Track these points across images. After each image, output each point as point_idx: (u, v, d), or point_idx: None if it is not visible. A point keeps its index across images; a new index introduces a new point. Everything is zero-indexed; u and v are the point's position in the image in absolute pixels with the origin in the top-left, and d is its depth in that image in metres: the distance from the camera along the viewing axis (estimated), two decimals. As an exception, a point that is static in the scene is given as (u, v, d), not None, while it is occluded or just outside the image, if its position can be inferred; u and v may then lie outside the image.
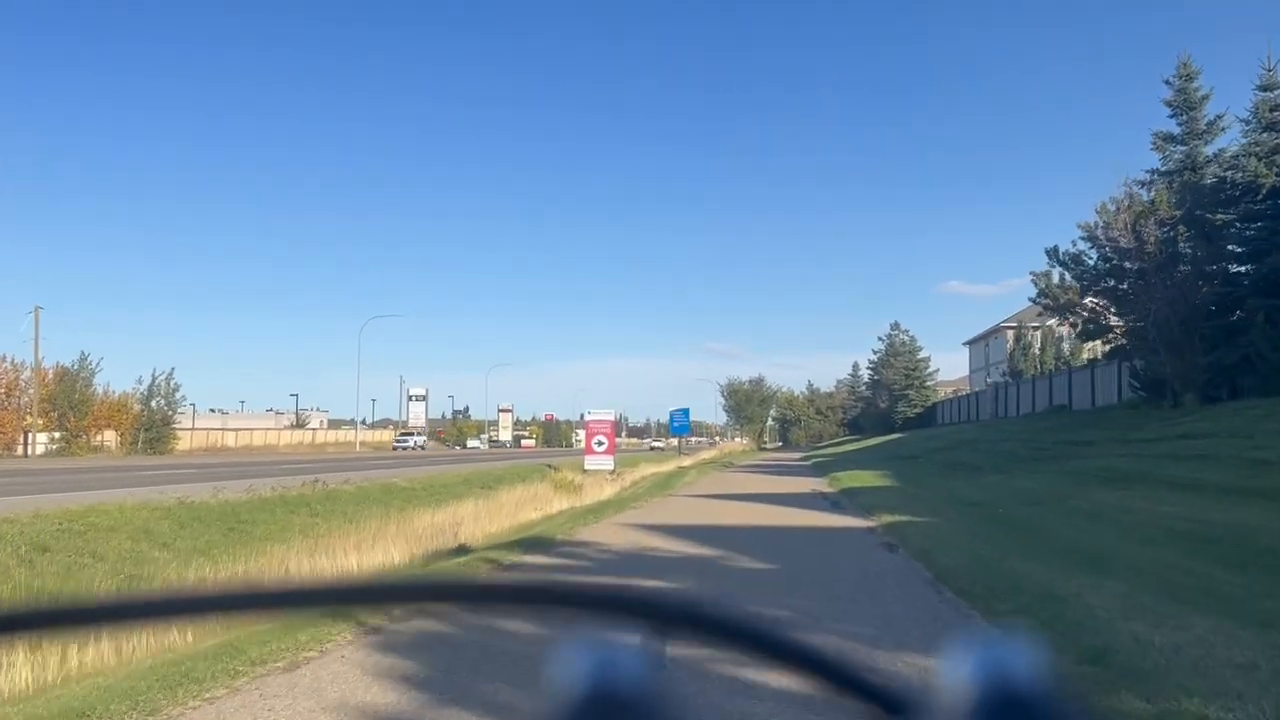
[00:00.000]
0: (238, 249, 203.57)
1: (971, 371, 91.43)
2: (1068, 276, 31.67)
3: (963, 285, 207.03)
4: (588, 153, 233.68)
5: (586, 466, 44.19)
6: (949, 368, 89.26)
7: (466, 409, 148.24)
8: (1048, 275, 31.92)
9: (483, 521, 22.14)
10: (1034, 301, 33.25)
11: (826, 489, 22.89)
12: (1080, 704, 0.46)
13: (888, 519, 14.14)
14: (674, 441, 78.62)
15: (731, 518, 16.51)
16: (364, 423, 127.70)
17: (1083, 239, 30.09)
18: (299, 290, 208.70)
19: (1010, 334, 77.07)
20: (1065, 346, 72.30)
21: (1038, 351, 71.96)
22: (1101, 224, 28.77)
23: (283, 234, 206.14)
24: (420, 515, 24.06)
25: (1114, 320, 31.88)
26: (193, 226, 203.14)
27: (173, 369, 73.46)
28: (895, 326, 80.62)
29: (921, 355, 78.91)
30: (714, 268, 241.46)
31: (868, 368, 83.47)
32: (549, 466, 48.43)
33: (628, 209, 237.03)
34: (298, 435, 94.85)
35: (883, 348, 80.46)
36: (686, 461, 53.92)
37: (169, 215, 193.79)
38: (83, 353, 70.17)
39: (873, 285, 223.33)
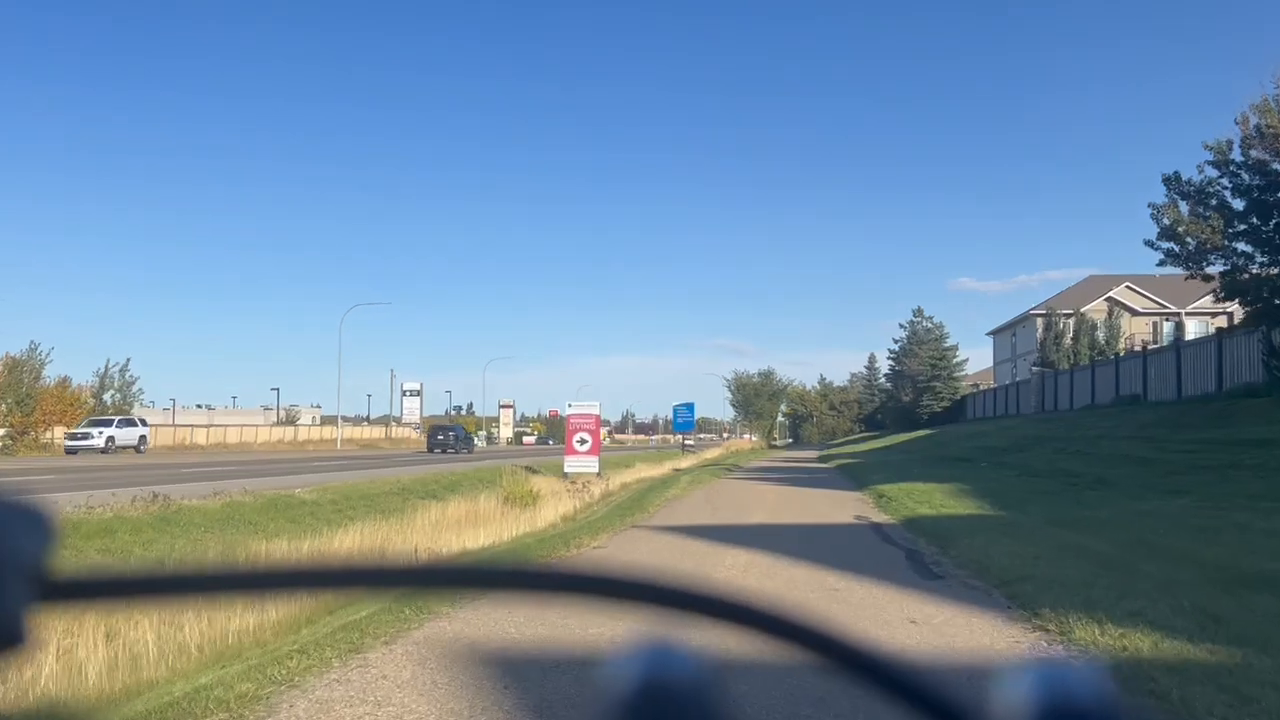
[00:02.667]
0: (228, 243, 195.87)
1: (996, 363, 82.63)
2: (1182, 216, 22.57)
3: (973, 282, 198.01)
4: (594, 147, 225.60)
5: (566, 469, 36.15)
6: (968, 361, 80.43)
7: (470, 405, 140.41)
8: (1173, 209, 22.80)
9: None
10: (1153, 246, 24.19)
11: (880, 516, 14.12)
12: None
13: (1089, 632, 5.71)
14: (683, 438, 69.89)
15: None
16: (367, 419, 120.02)
17: (1212, 164, 21.40)
18: (293, 285, 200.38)
19: (1040, 321, 68.37)
20: (1101, 335, 63.81)
21: (1070, 341, 63.55)
22: (1252, 131, 20.00)
23: (276, 229, 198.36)
24: (277, 551, 16.01)
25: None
26: (185, 222, 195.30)
27: (128, 360, 65.68)
28: (918, 313, 71.57)
29: (949, 344, 69.92)
30: (722, 264, 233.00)
31: (888, 358, 74.44)
32: (528, 470, 40.36)
33: (635, 204, 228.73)
34: (279, 432, 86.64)
35: (904, 336, 71.44)
36: (685, 462, 45.20)
37: (156, 210, 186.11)
38: (32, 342, 62.07)
39: (883, 282, 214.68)
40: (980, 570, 8.31)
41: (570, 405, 38.71)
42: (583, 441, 37.67)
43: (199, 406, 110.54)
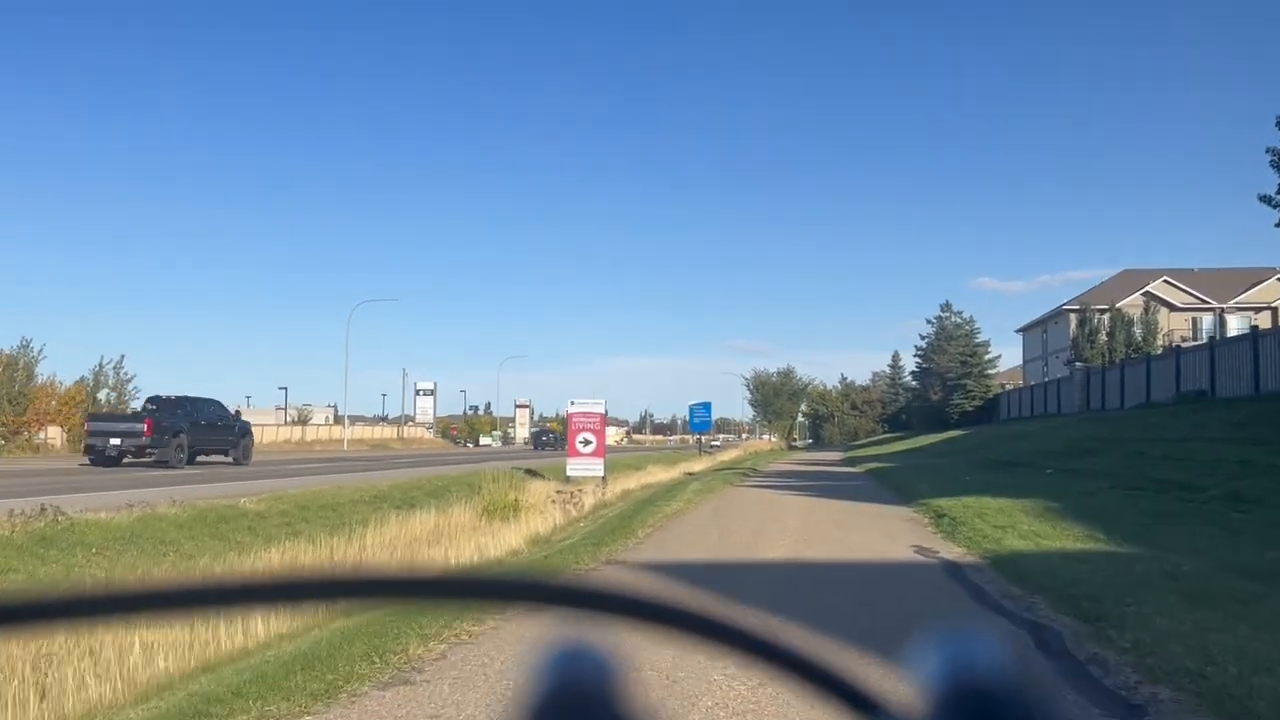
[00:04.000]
0: (242, 239, 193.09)
1: (1026, 361, 78.20)
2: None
3: (994, 281, 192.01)
4: (609, 146, 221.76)
5: (569, 472, 32.29)
6: (1001, 358, 75.79)
7: (488, 405, 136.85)
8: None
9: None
10: (1268, 202, 19.79)
11: (951, 549, 9.74)
12: (1044, 698, 0.43)
13: None
14: (700, 438, 65.93)
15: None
16: (385, 419, 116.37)
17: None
18: (309, 283, 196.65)
19: (1073, 317, 64.00)
20: (1137, 331, 59.49)
21: (1105, 338, 59.24)
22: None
23: (287, 231, 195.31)
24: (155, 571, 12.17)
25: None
26: (195, 226, 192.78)
27: (122, 356, 62.16)
28: (946, 307, 67.02)
29: (980, 339, 65.38)
30: (740, 265, 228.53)
31: (915, 355, 69.86)
32: (529, 472, 36.50)
33: (654, 203, 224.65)
34: (287, 432, 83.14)
35: (931, 332, 66.92)
36: (699, 465, 41.09)
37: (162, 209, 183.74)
38: (24, 338, 58.70)
39: (903, 283, 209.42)
40: (1208, 693, 4.28)
41: (573, 403, 34.76)
42: (586, 442, 33.80)
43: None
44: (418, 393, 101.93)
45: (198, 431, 33.72)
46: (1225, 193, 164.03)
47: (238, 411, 43.44)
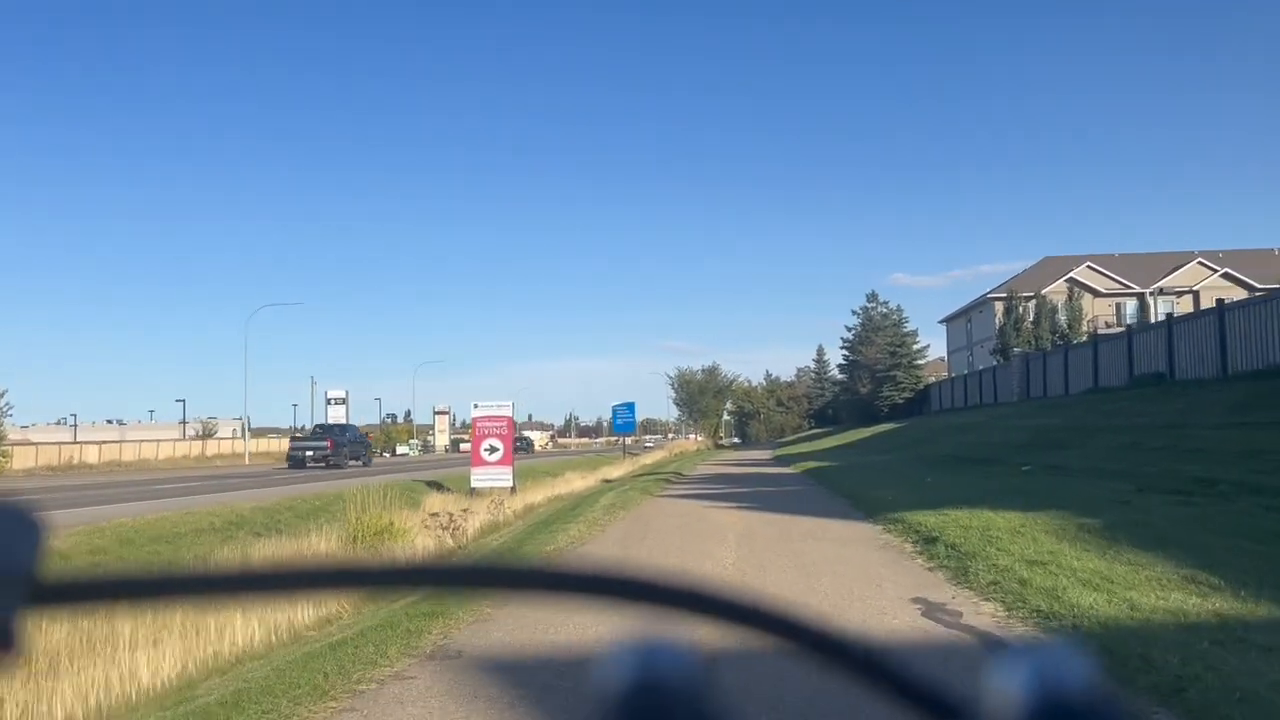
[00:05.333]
0: (134, 249, 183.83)
1: (951, 351, 75.92)
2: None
3: (907, 277, 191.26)
4: (530, 144, 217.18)
5: (474, 483, 28.40)
6: (929, 348, 73.15)
7: (408, 413, 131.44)
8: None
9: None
10: None
11: (987, 614, 5.96)
12: (1126, 713, 0.43)
13: None
14: (624, 440, 62.02)
15: None
16: (298, 430, 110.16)
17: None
18: (209, 295, 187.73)
19: (999, 306, 61.60)
20: (1062, 318, 57.36)
21: (1031, 325, 56.98)
22: None
23: (183, 236, 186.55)
24: None
25: None
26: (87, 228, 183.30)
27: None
28: (872, 298, 63.96)
29: (908, 329, 62.46)
30: (665, 264, 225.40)
31: (841, 348, 66.74)
32: (430, 485, 32.34)
33: (576, 203, 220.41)
34: (185, 447, 77.26)
35: (858, 324, 63.84)
36: (620, 469, 37.15)
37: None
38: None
39: (823, 279, 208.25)
40: None
41: (477, 406, 30.59)
42: (493, 450, 29.76)
43: (109, 422, 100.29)
44: (328, 402, 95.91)
45: (349, 446, 48.84)
46: (1121, 187, 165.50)
47: (365, 432, 61.15)
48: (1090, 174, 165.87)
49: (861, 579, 7.79)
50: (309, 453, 47.06)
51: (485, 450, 29.38)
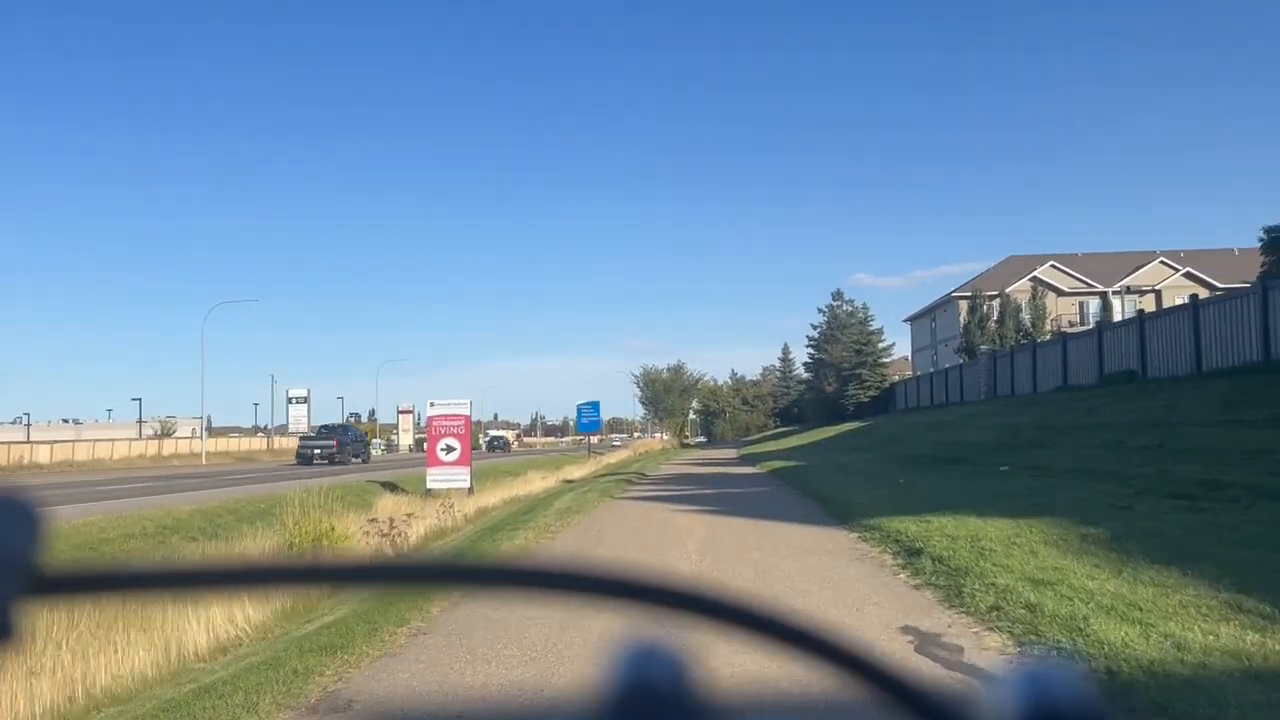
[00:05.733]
0: (84, 247, 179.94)
1: (915, 350, 75.43)
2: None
3: (870, 278, 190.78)
4: (493, 142, 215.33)
5: (429, 485, 27.22)
6: (895, 346, 72.49)
7: (371, 412, 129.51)
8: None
9: None
10: None
11: (992, 647, 5.13)
12: None
13: None
14: (589, 439, 60.99)
15: None
16: (265, 430, 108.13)
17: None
18: (168, 293, 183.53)
19: (963, 304, 61.10)
20: (1026, 317, 56.99)
21: (995, 324, 56.54)
22: None
23: (141, 233, 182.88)
24: None
25: None
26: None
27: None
28: (838, 296, 63.18)
29: (874, 327, 61.69)
30: (631, 263, 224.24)
31: (807, 346, 65.88)
32: (385, 486, 31.12)
33: (540, 202, 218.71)
34: (142, 446, 75.07)
35: (823, 322, 63.01)
36: (581, 470, 35.98)
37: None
38: None
39: (788, 280, 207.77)
40: None
41: (433, 404, 29.38)
42: (449, 449, 28.56)
43: (66, 421, 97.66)
44: (290, 401, 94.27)
45: (351, 445, 52.47)
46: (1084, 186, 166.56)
47: (366, 432, 67.74)
48: (1053, 175, 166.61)
49: (838, 600, 6.72)
50: (316, 450, 49.99)
51: (441, 450, 28.23)
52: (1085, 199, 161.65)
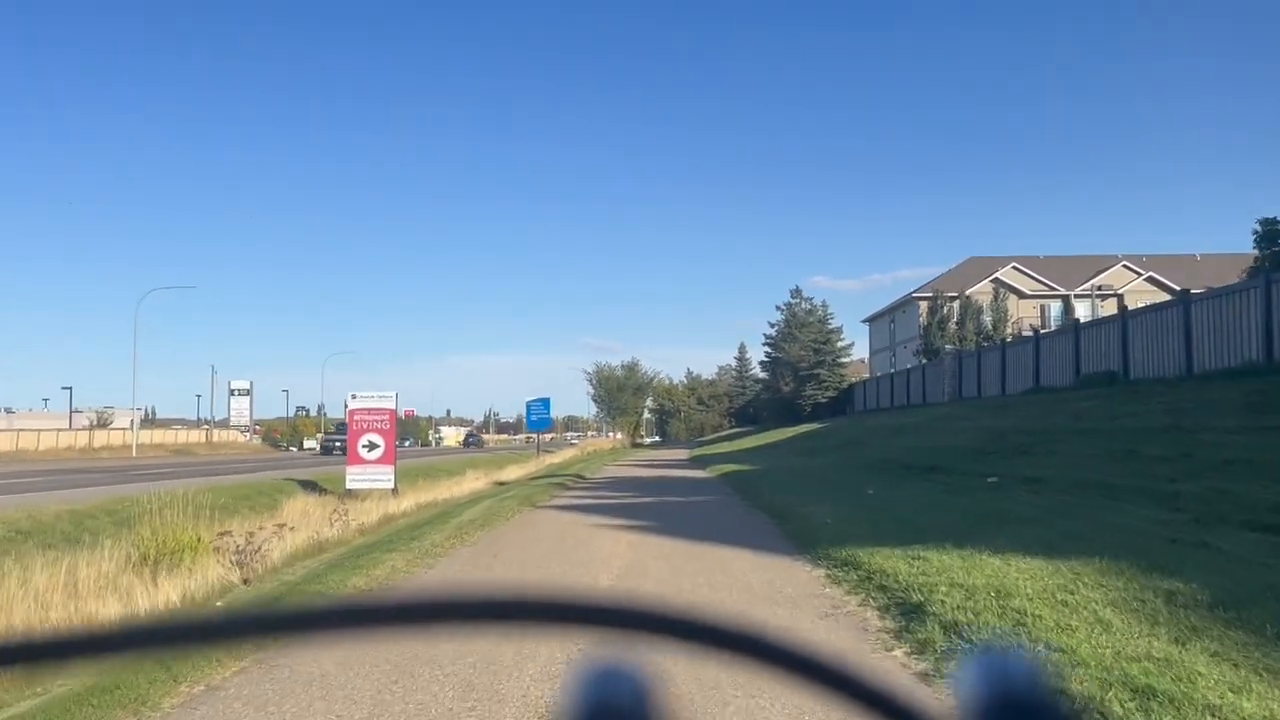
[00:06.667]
0: (31, 235, 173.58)
1: (874, 352, 73.27)
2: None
3: (828, 280, 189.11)
4: (450, 137, 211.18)
5: (349, 484, 24.34)
6: (854, 346, 70.19)
7: (320, 407, 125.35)
8: None
9: None
10: None
11: None
12: (1080, 712, 0.43)
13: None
14: (538, 437, 57.96)
15: None
16: (208, 423, 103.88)
17: None
18: (102, 280, 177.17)
19: (923, 305, 58.99)
20: (987, 319, 54.97)
21: (955, 326, 54.44)
22: None
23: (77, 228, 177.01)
24: None
25: None
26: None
27: None
28: (796, 294, 60.59)
29: (833, 325, 59.20)
30: (587, 261, 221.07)
31: (764, 344, 63.19)
32: (306, 484, 28.30)
33: (496, 199, 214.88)
34: (70, 437, 70.87)
35: (781, 320, 60.46)
36: (518, 470, 33.12)
37: None
38: None
39: (746, 280, 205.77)
40: None
41: (354, 396, 26.47)
42: (371, 446, 25.66)
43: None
44: (232, 393, 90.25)
45: None
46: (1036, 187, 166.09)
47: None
48: (1011, 179, 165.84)
49: (801, 708, 3.97)
50: (337, 444, 54.50)
51: (363, 447, 25.39)
52: (1047, 202, 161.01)
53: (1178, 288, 57.66)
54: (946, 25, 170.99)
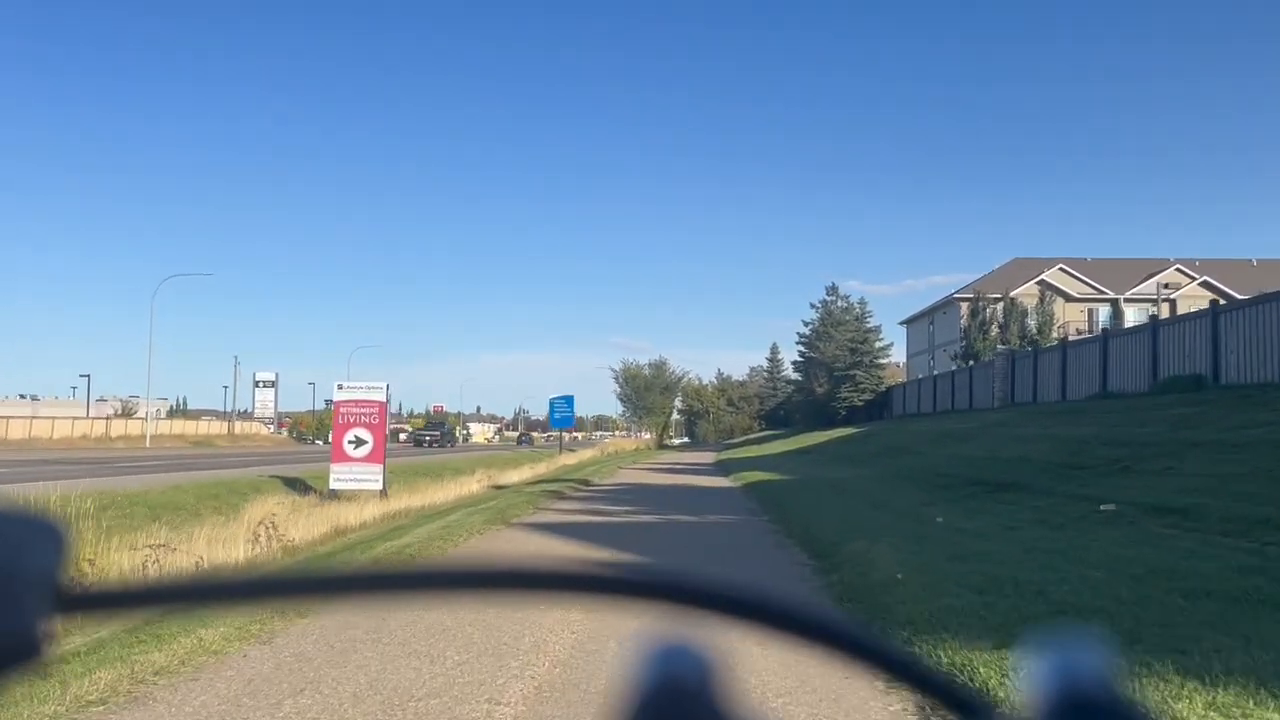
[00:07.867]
0: (58, 225, 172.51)
1: (911, 355, 69.50)
2: None
3: (860, 285, 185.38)
4: (484, 136, 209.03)
5: (333, 484, 22.25)
6: (893, 346, 66.46)
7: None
8: None
9: None
10: None
11: None
12: (1147, 707, 0.42)
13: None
14: (560, 435, 55.32)
15: None
16: (240, 415, 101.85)
17: None
18: (134, 271, 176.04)
19: (964, 307, 55.10)
20: (1032, 322, 51.00)
21: (998, 329, 50.54)
22: None
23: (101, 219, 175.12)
24: None
25: None
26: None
27: None
28: (832, 290, 57.03)
29: (871, 324, 55.47)
30: (621, 261, 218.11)
31: (798, 343, 59.45)
32: (290, 481, 25.32)
33: (528, 196, 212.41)
34: (86, 426, 68.78)
35: (816, 318, 56.78)
36: (529, 471, 29.92)
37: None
38: None
39: (780, 283, 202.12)
40: None
41: (340, 387, 23.30)
42: (359, 443, 22.43)
43: (22, 397, 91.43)
44: (257, 384, 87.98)
45: (448, 434, 70.30)
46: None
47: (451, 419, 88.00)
48: (1050, 183, 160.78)
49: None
50: (427, 438, 65.98)
51: (349, 443, 22.24)
52: (1090, 207, 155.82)
53: (1235, 293, 53.64)
54: (990, 27, 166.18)
